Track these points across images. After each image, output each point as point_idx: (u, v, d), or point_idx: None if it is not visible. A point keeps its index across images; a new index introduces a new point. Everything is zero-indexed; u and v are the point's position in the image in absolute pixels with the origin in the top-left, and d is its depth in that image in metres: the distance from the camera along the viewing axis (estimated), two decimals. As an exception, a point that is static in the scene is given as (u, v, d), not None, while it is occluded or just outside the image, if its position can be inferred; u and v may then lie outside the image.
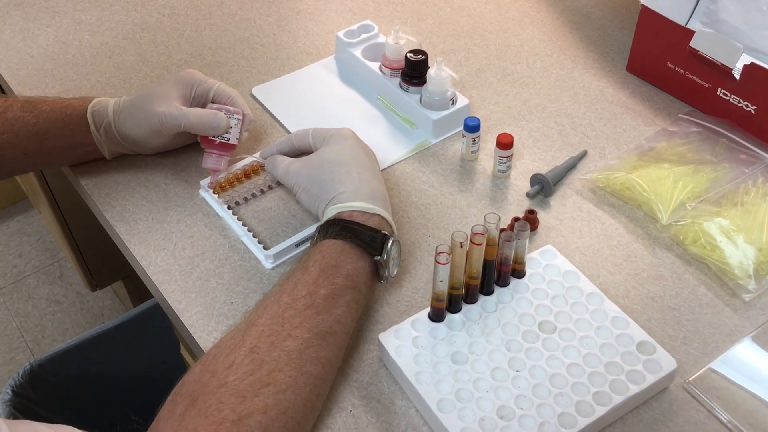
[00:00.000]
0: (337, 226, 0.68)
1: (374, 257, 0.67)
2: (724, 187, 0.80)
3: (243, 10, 1.09)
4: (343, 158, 0.73)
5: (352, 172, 0.71)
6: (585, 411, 0.62)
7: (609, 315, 0.69)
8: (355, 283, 0.66)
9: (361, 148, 0.74)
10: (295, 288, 0.64)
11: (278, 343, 0.60)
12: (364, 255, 0.67)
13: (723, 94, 0.87)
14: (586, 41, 1.03)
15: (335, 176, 0.72)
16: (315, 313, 0.63)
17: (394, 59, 0.91)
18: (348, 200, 0.70)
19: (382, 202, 0.71)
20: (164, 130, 0.80)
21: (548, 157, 0.87)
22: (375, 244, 0.67)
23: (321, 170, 0.73)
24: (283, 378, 0.59)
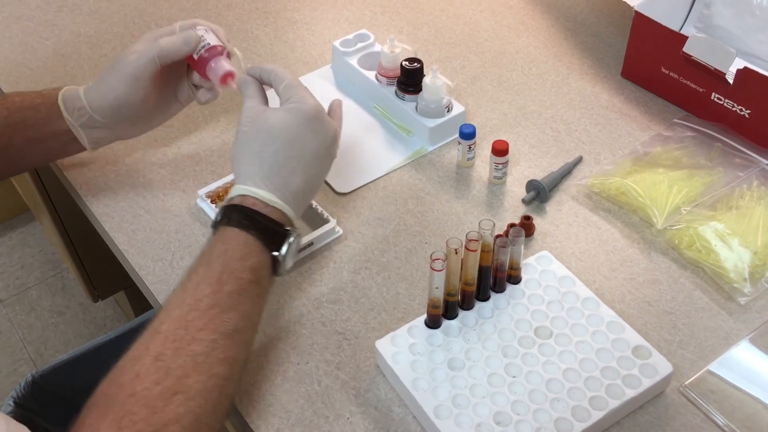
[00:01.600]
0: (241, 214, 0.65)
1: (273, 253, 0.65)
2: (719, 191, 0.81)
3: (240, 21, 1.10)
4: (281, 136, 0.68)
5: (279, 156, 0.67)
6: (581, 416, 0.63)
7: (605, 320, 0.69)
8: (258, 277, 0.64)
9: (312, 133, 0.69)
10: (198, 287, 0.61)
11: (183, 348, 0.58)
12: (265, 249, 0.65)
13: (717, 98, 0.87)
14: (581, 48, 1.03)
15: (260, 152, 0.68)
16: (220, 312, 0.60)
17: (390, 68, 0.92)
18: (257, 185, 0.67)
19: (293, 198, 0.68)
20: (140, 75, 0.75)
21: (544, 163, 0.87)
22: (276, 240, 0.65)
23: (256, 137, 0.68)
24: (192, 384, 0.57)
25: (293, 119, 0.68)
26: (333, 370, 0.69)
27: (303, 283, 0.76)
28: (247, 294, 0.63)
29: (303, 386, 0.68)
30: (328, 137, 0.70)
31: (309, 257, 0.79)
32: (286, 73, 0.72)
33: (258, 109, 0.70)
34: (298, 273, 0.77)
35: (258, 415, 0.66)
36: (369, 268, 0.77)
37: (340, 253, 0.79)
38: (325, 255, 0.79)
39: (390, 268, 0.77)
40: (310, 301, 0.75)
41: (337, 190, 0.85)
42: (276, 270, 0.66)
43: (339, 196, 0.85)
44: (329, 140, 0.70)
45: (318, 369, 0.69)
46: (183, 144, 0.91)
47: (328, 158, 0.71)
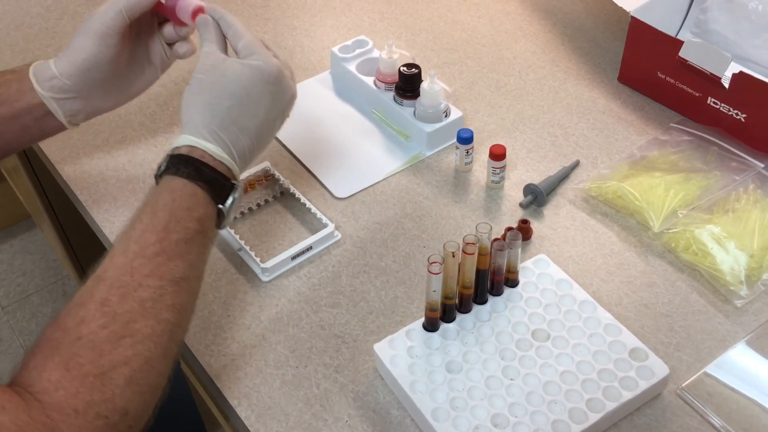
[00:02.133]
0: (191, 166, 0.64)
1: (218, 206, 0.65)
2: (716, 194, 0.81)
3: (240, 27, 1.10)
4: (238, 92, 0.66)
5: (233, 112, 0.66)
6: (578, 418, 0.63)
7: (602, 322, 0.70)
8: (204, 228, 0.64)
9: (270, 95, 0.67)
10: (143, 235, 0.61)
11: (130, 294, 0.58)
12: (211, 201, 0.65)
13: (713, 102, 0.88)
14: (578, 53, 1.04)
15: (213, 104, 0.66)
16: (167, 259, 0.60)
17: (388, 73, 0.92)
18: (206, 138, 0.65)
19: (240, 155, 0.67)
20: (107, 31, 0.72)
21: (541, 167, 0.88)
22: (222, 193, 0.65)
23: (211, 87, 0.66)
24: (140, 328, 0.57)
25: (254, 77, 0.67)
26: (331, 373, 0.70)
27: (302, 287, 0.77)
28: (194, 243, 0.62)
29: (302, 389, 0.69)
30: (285, 100, 0.69)
31: (307, 261, 0.79)
32: (246, 31, 0.70)
33: (217, 58, 0.68)
34: (296, 277, 0.78)
35: (257, 418, 0.67)
36: (367, 272, 0.78)
37: (338, 258, 0.79)
38: (324, 259, 0.79)
39: (388, 271, 0.78)
40: (309, 304, 0.75)
41: (335, 195, 0.86)
42: (219, 223, 0.66)
43: (337, 201, 0.85)
44: (286, 103, 0.70)
45: (317, 372, 0.70)
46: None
47: (281, 119, 0.71)
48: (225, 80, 0.66)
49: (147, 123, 0.96)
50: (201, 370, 0.71)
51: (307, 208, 0.83)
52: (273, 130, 0.71)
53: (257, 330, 0.73)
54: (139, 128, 0.95)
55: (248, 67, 0.67)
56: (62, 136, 0.94)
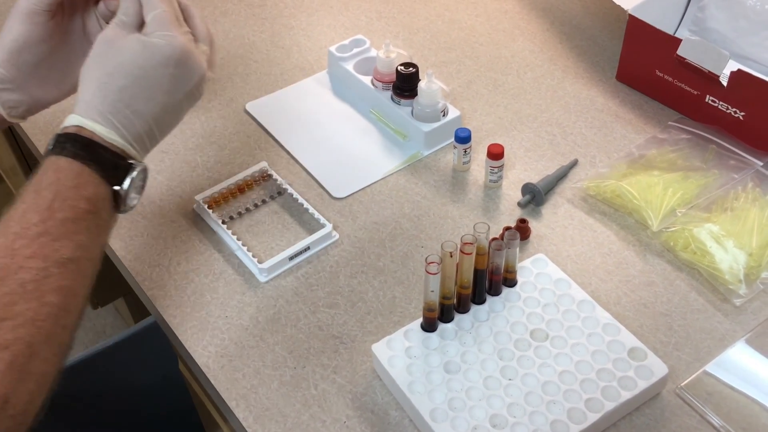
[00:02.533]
0: (76, 144, 0.60)
1: (113, 187, 0.60)
2: (714, 193, 0.81)
3: (236, 27, 1.10)
4: (133, 72, 0.61)
5: (125, 93, 0.61)
6: (577, 418, 0.63)
7: (600, 322, 0.69)
8: (96, 208, 0.59)
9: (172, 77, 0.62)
10: (25, 215, 0.57)
11: (10, 276, 0.54)
12: (103, 182, 0.60)
13: (711, 101, 0.88)
14: (576, 51, 1.04)
15: (105, 82, 0.61)
16: (51, 240, 0.56)
17: (385, 72, 0.92)
18: (95, 119, 0.61)
19: (136, 138, 0.62)
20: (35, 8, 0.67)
21: (539, 166, 0.88)
22: (117, 173, 0.60)
23: (105, 64, 0.61)
24: (20, 311, 0.54)
25: (152, 57, 0.62)
26: (329, 374, 0.69)
27: (299, 288, 0.77)
28: (84, 223, 0.58)
29: (300, 390, 0.68)
30: (191, 82, 0.64)
31: (305, 262, 0.79)
32: (160, 3, 0.64)
33: (118, 33, 0.63)
34: (294, 277, 0.77)
35: (255, 419, 0.66)
36: (365, 272, 0.78)
37: (336, 258, 0.79)
38: (322, 259, 0.79)
39: (386, 272, 0.78)
40: (307, 305, 0.75)
41: (333, 195, 0.85)
42: (118, 206, 0.62)
43: (335, 201, 0.85)
44: (193, 85, 0.64)
45: (314, 373, 0.70)
46: (180, 150, 0.92)
47: (188, 102, 0.66)
48: (120, 58, 0.61)
49: (144, 123, 0.96)
50: (198, 371, 0.71)
51: (305, 208, 0.83)
52: (178, 114, 0.66)
53: (255, 331, 0.73)
54: (136, 129, 0.95)
55: (147, 45, 0.62)
56: (59, 137, 0.94)
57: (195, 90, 0.65)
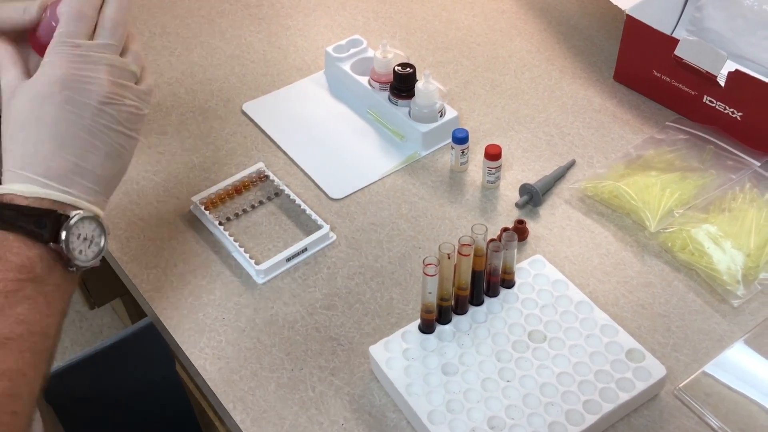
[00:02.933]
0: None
1: (49, 244, 0.55)
2: (712, 193, 0.81)
3: (233, 27, 1.10)
4: (27, 120, 0.56)
5: (29, 143, 0.56)
6: (575, 420, 0.63)
7: (598, 323, 0.69)
8: (33, 273, 0.54)
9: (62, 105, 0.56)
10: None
11: None
12: (35, 244, 0.55)
13: (709, 101, 0.87)
14: (573, 52, 1.03)
15: (8, 142, 0.57)
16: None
17: (382, 73, 0.92)
18: (11, 179, 0.56)
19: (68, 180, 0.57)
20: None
21: (537, 167, 0.87)
22: (43, 230, 0.55)
23: (6, 126, 0.57)
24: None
25: (33, 95, 0.57)
26: (327, 376, 0.69)
27: (296, 289, 0.76)
28: (20, 295, 0.53)
29: (297, 392, 0.68)
30: (87, 105, 0.57)
31: (302, 263, 0.79)
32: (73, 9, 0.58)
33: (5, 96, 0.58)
34: (291, 279, 0.77)
35: (252, 422, 0.66)
36: (363, 274, 0.77)
37: (333, 259, 0.79)
38: (319, 261, 0.79)
39: (384, 273, 0.77)
40: (304, 307, 0.75)
41: (330, 196, 0.85)
42: (69, 262, 0.57)
43: (332, 202, 0.85)
44: (91, 107, 0.57)
45: (312, 375, 0.69)
46: (176, 151, 0.91)
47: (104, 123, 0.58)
48: (14, 114, 0.57)
49: (140, 124, 0.95)
50: (196, 373, 0.71)
51: (302, 209, 0.82)
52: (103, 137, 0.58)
53: (252, 333, 0.73)
54: (132, 129, 0.95)
55: (29, 86, 0.57)
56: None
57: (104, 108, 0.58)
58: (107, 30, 0.59)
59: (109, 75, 0.58)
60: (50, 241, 0.55)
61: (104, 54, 0.58)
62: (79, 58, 0.57)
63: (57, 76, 0.57)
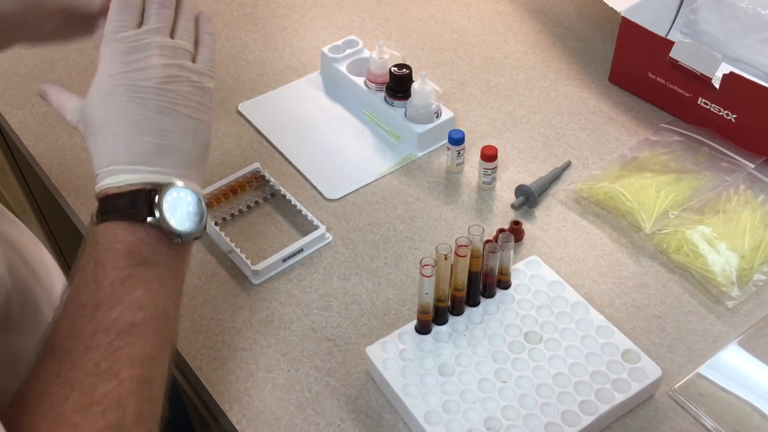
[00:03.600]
0: (96, 209, 0.57)
1: (145, 220, 0.55)
2: (706, 195, 0.81)
3: (228, 27, 1.10)
4: (96, 120, 0.58)
5: (107, 139, 0.57)
6: (571, 420, 0.63)
7: (594, 324, 0.69)
8: (141, 257, 0.55)
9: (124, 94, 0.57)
10: (78, 294, 0.54)
11: (80, 359, 0.52)
12: (133, 226, 0.55)
13: (704, 103, 0.88)
14: (568, 53, 1.04)
15: (92, 148, 0.58)
16: (107, 310, 0.53)
17: (378, 74, 0.92)
18: (101, 178, 0.57)
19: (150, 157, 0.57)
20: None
21: (533, 168, 0.88)
22: (137, 209, 0.55)
23: (85, 136, 0.59)
24: (103, 393, 0.51)
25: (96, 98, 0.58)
26: (323, 376, 0.69)
27: (293, 290, 0.76)
28: (134, 280, 0.54)
29: (293, 393, 0.68)
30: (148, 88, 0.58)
31: (299, 264, 0.79)
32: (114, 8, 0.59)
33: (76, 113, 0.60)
34: (287, 280, 0.77)
35: (248, 423, 0.66)
36: (359, 275, 0.77)
37: (329, 260, 0.79)
38: (315, 261, 0.79)
39: (380, 274, 0.77)
40: (300, 307, 0.75)
41: (326, 197, 0.85)
42: (173, 236, 0.56)
43: (328, 203, 0.85)
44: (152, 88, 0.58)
45: (308, 376, 0.69)
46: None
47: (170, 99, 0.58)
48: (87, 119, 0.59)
49: (135, 124, 0.95)
50: (191, 373, 0.71)
51: (298, 209, 0.82)
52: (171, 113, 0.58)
53: (248, 333, 0.73)
54: (127, 129, 0.94)
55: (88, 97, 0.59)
56: (49, 137, 0.94)
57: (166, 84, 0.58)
58: (153, 14, 0.60)
59: (161, 59, 0.58)
60: (147, 217, 0.55)
61: (152, 39, 0.59)
62: (128, 48, 0.58)
63: (111, 71, 0.58)
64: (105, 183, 0.56)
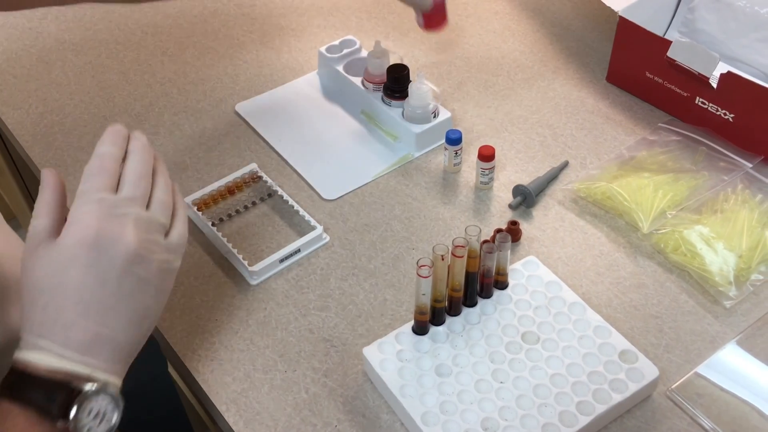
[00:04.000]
0: (9, 379, 0.52)
1: (55, 421, 0.51)
2: (704, 194, 0.81)
3: (226, 27, 1.10)
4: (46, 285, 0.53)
5: (49, 308, 0.53)
6: (569, 421, 0.63)
7: (591, 324, 0.69)
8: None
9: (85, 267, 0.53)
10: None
11: None
12: (41, 420, 0.51)
13: (701, 102, 0.88)
14: (566, 53, 1.04)
15: (29, 309, 0.54)
16: None
17: (376, 74, 0.92)
18: (27, 346, 0.53)
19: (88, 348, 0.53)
20: None
21: (530, 168, 0.87)
22: (52, 406, 0.51)
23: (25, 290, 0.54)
24: None
25: (57, 258, 0.54)
26: (320, 377, 0.69)
27: (290, 291, 0.76)
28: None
29: (290, 394, 0.68)
30: (112, 268, 0.54)
31: (296, 264, 0.78)
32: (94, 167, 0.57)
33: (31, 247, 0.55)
34: (285, 280, 0.77)
35: (245, 423, 0.66)
36: (356, 275, 0.77)
37: (327, 260, 0.79)
38: (312, 262, 0.79)
39: (377, 274, 0.77)
40: (297, 308, 0.75)
41: (323, 197, 0.85)
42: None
43: (326, 203, 0.85)
44: (115, 270, 0.54)
45: (305, 377, 0.69)
46: (169, 151, 0.91)
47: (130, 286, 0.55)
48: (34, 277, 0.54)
49: (132, 124, 0.95)
50: (188, 374, 0.71)
51: (295, 210, 0.82)
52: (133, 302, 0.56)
53: (245, 334, 0.73)
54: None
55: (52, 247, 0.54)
56: (45, 138, 0.93)
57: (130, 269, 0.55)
58: (131, 183, 0.57)
59: (136, 230, 0.55)
60: (59, 418, 0.51)
61: (129, 208, 0.56)
62: (104, 214, 0.55)
63: (81, 236, 0.54)
64: (29, 357, 0.52)
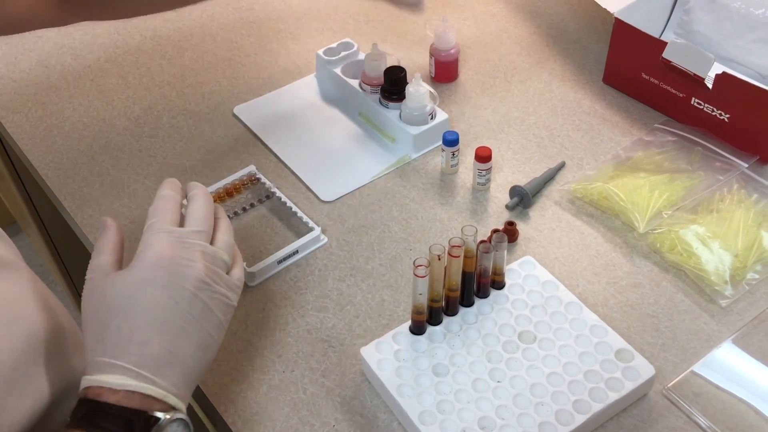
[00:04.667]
0: (84, 408, 0.51)
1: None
2: (700, 194, 0.81)
3: (224, 30, 1.10)
4: (120, 307, 0.54)
5: (122, 330, 0.53)
6: (565, 419, 0.63)
7: (588, 323, 0.70)
8: None
9: (159, 288, 0.55)
10: None
11: None
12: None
13: (697, 103, 0.88)
14: (562, 54, 1.04)
15: (100, 332, 0.54)
16: None
17: (373, 76, 0.92)
18: (101, 370, 0.52)
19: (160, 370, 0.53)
20: None
21: (527, 169, 0.88)
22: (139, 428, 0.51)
23: (95, 315, 0.55)
24: None
25: (131, 280, 0.55)
26: (318, 377, 0.69)
27: (288, 291, 0.77)
28: None
29: (288, 394, 0.68)
30: (184, 289, 0.55)
31: (294, 265, 0.79)
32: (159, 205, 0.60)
33: (97, 278, 0.57)
34: (283, 281, 0.77)
35: (243, 424, 0.66)
36: (354, 276, 0.78)
37: (324, 261, 0.79)
38: (310, 263, 0.79)
39: (375, 275, 0.78)
40: (295, 309, 0.75)
41: (321, 198, 0.85)
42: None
43: (323, 204, 0.85)
44: (187, 292, 0.56)
45: (303, 377, 0.70)
46: (167, 154, 0.92)
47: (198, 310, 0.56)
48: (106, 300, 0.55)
49: (131, 127, 0.96)
50: (187, 375, 0.71)
51: (293, 211, 0.83)
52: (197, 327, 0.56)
53: (243, 335, 0.73)
54: (123, 132, 0.95)
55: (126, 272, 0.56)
56: (45, 141, 0.94)
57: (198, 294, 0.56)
58: (197, 219, 0.60)
59: (203, 259, 0.57)
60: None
61: (197, 240, 0.58)
62: (174, 241, 0.57)
63: (156, 258, 0.56)
64: (103, 380, 0.52)
